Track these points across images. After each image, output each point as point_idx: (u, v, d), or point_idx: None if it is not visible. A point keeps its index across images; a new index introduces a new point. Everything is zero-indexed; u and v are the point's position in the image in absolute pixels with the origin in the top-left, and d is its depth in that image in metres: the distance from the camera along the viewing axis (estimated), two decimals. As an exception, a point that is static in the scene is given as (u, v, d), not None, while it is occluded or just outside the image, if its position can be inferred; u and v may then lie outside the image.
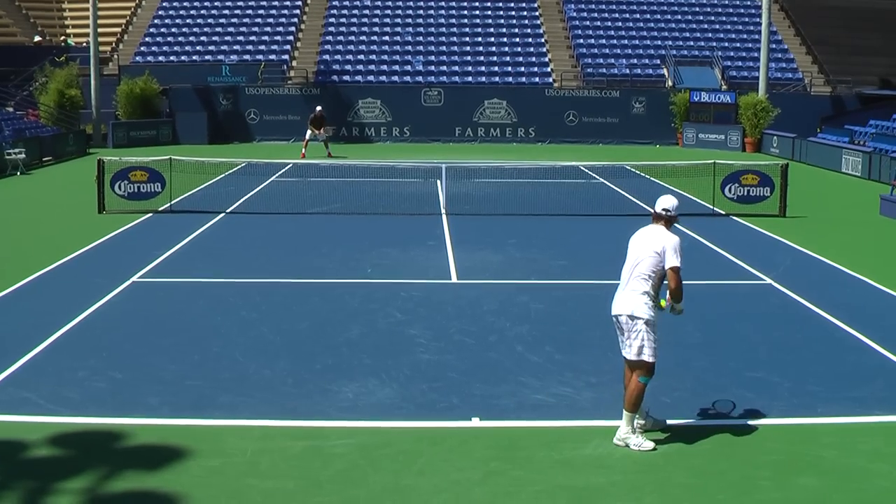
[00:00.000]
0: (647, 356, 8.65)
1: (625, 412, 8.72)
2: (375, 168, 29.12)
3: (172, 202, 22.83)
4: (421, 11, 52.39)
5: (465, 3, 53.01)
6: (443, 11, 52.36)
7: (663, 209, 8.88)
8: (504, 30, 50.82)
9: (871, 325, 12.90)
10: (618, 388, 9.78)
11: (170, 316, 13.43)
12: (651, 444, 8.68)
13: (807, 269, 16.95)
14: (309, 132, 37.06)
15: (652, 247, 8.70)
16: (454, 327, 12.79)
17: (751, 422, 9.38)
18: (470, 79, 47.31)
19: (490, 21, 51.63)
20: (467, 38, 50.21)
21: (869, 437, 9.04)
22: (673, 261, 8.61)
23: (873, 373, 11.00)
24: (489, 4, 52.96)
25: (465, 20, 51.67)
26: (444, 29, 50.90)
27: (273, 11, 52.08)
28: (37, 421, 9.23)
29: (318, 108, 38.04)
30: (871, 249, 19.11)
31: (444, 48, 49.51)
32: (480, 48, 49.49)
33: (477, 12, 52.34)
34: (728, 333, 12.65)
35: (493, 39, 50.09)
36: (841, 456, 8.60)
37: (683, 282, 8.76)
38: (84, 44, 46.86)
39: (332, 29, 50.71)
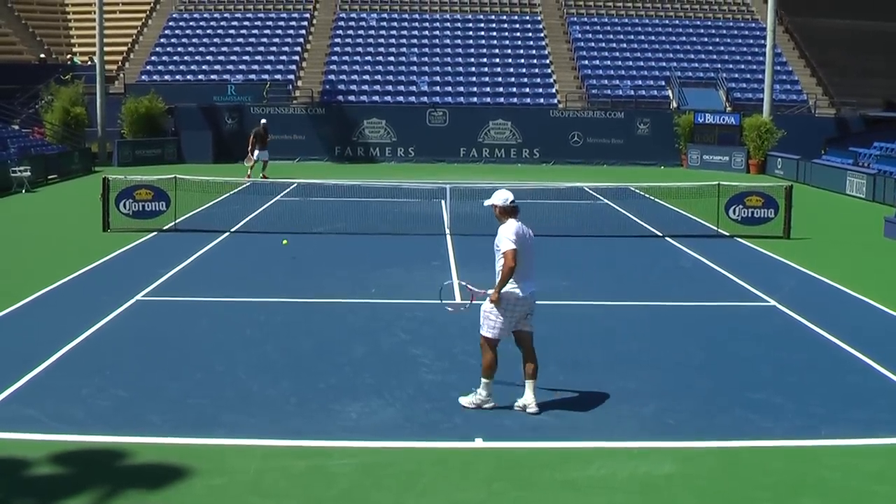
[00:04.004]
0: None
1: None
2: (380, 188, 29.16)
3: (177, 221, 22.85)
4: (426, 32, 52.64)
5: (471, 24, 53.29)
6: (448, 32, 52.62)
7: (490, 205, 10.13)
8: (509, 51, 51.03)
9: (875, 346, 12.88)
10: (621, 410, 9.80)
11: (173, 334, 13.44)
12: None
13: (811, 291, 16.94)
14: (256, 151, 35.98)
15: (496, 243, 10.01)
16: (458, 347, 12.77)
17: (753, 443, 9.36)
18: (475, 99, 47.47)
19: (495, 42, 51.85)
20: (472, 59, 50.42)
21: (872, 459, 9.02)
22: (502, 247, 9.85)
23: (876, 394, 10.99)
24: (494, 25, 53.23)
25: (471, 41, 51.91)
26: (449, 49, 51.14)
27: (279, 31, 52.38)
28: (40, 439, 9.23)
29: (263, 121, 37.79)
30: (875, 271, 19.10)
31: (449, 69, 49.70)
32: (485, 69, 49.67)
33: (482, 33, 52.59)
34: (731, 354, 12.63)
35: (498, 60, 50.29)
36: (844, 478, 8.58)
37: (687, 303, 8.76)
38: (90, 62, 47.12)
39: (337, 49, 50.93)
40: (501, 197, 10.18)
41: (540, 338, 13.36)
